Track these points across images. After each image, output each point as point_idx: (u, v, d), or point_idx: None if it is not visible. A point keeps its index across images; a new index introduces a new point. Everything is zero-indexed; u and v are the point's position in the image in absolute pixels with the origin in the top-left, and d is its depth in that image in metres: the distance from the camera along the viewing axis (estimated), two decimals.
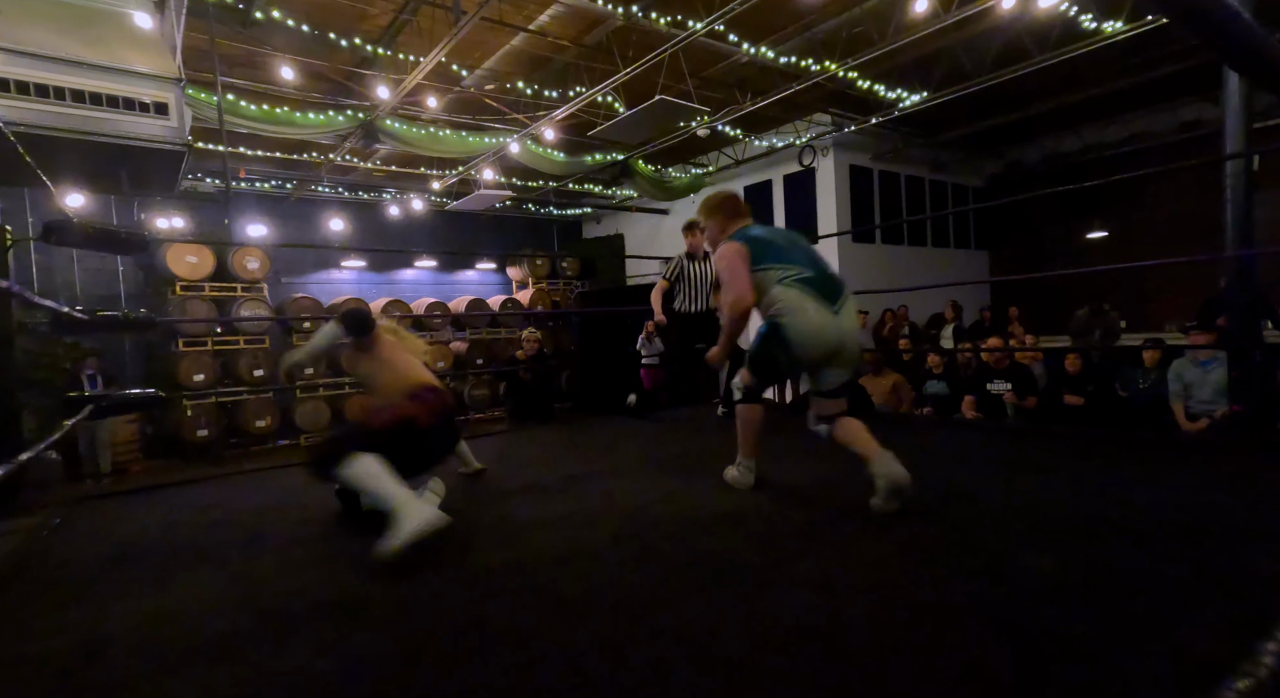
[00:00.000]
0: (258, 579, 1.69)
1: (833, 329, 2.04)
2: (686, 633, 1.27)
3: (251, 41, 5.57)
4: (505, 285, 12.48)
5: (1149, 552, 1.57)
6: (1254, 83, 2.77)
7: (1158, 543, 1.64)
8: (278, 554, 1.89)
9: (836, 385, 2.14)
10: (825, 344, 2.05)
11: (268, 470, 3.32)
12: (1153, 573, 1.45)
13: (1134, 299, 9.11)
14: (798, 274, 2.07)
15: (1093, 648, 1.13)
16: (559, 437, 3.96)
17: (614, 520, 2.05)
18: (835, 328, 2.04)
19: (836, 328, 2.04)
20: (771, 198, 9.65)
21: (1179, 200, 8.66)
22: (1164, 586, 1.38)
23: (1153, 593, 1.35)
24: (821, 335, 2.04)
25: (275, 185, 9.30)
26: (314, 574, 1.72)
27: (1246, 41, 0.73)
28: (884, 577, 1.51)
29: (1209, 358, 4.35)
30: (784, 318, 2.07)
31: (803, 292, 2.05)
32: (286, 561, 1.83)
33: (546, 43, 6.26)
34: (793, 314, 2.05)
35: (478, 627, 1.34)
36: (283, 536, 2.08)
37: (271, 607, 1.50)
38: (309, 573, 1.73)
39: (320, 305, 9.22)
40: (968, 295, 10.41)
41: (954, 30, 5.83)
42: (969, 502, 2.09)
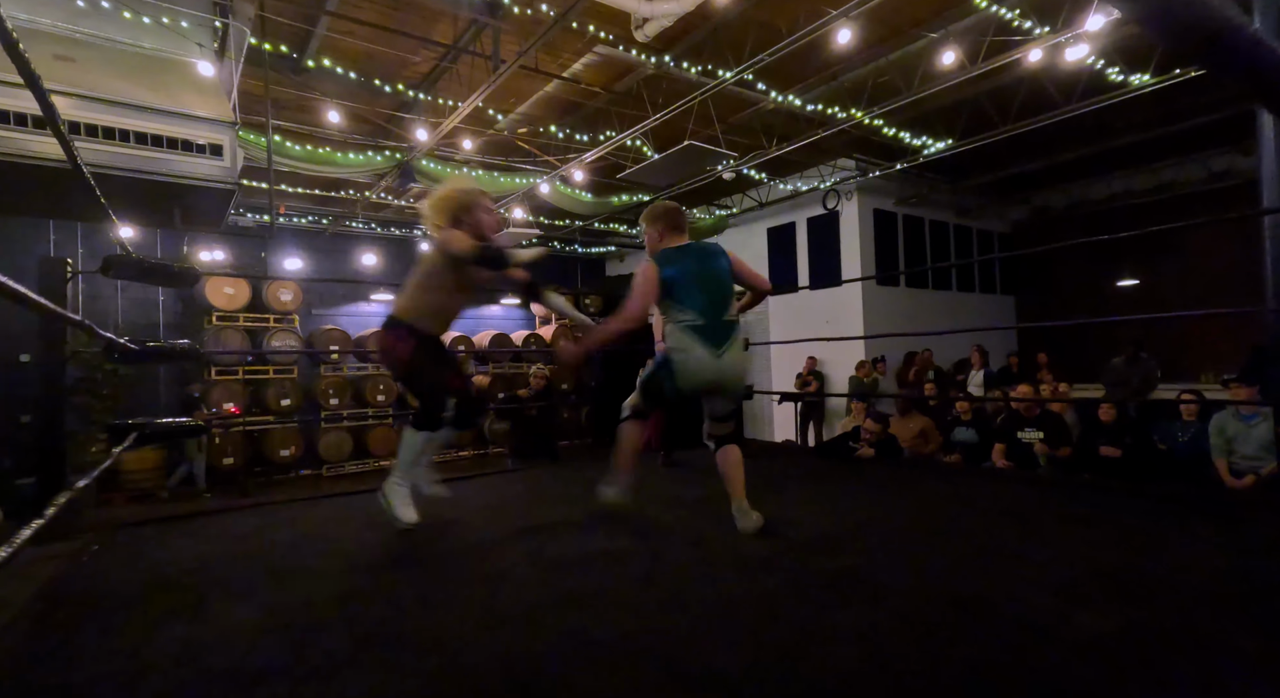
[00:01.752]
0: (296, 612, 1.69)
1: (712, 368, 2.40)
2: (719, 682, 1.24)
3: (301, 87, 5.88)
4: (529, 321, 12.64)
5: (1195, 614, 1.51)
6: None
7: (1211, 605, 1.57)
8: (315, 586, 1.89)
9: (723, 413, 2.53)
10: (705, 380, 2.43)
11: (298, 502, 3.35)
12: (1208, 636, 1.39)
13: (1166, 348, 8.91)
14: (691, 321, 2.40)
15: None
16: (579, 475, 3.95)
17: (643, 562, 2.02)
18: (715, 367, 2.40)
19: (716, 367, 2.40)
20: (795, 240, 9.74)
21: (1210, 250, 8.56)
22: (1216, 650, 1.32)
23: (1200, 656, 1.29)
24: (701, 373, 2.41)
25: (312, 221, 9.64)
26: (351, 607, 1.71)
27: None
28: (924, 631, 1.46)
29: (1252, 412, 4.22)
30: (674, 354, 2.43)
31: (692, 337, 2.39)
32: (324, 593, 1.83)
33: (579, 89, 6.50)
34: (682, 353, 2.40)
35: (517, 672, 1.33)
36: (319, 567, 2.08)
37: (306, 640, 1.50)
38: (346, 606, 1.73)
39: (349, 337, 9.42)
40: (994, 341, 10.29)
41: (980, 81, 5.94)
42: (1011, 558, 2.03)
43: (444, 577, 1.96)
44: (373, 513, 2.98)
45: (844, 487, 3.29)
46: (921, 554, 2.05)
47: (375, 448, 9.07)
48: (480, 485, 3.73)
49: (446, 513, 2.94)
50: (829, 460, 4.25)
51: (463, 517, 2.85)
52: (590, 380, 11.66)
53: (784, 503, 2.83)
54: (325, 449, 8.63)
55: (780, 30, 4.97)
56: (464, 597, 1.77)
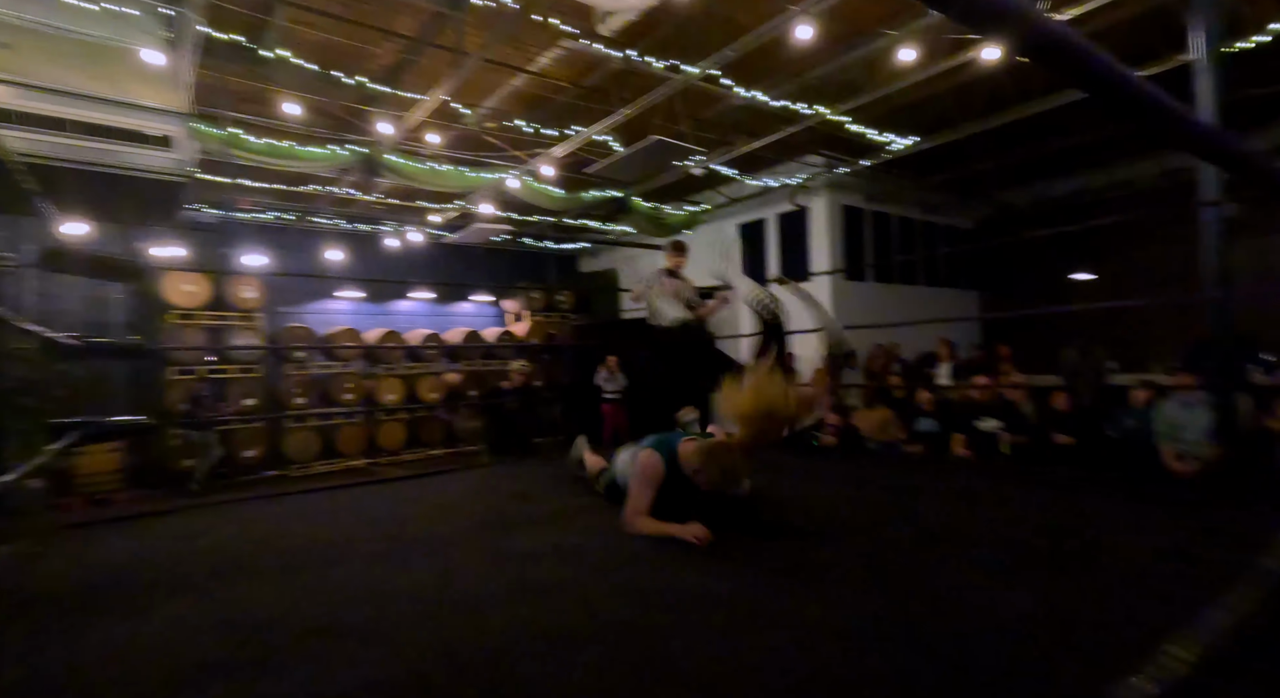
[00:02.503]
0: (239, 607, 1.66)
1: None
2: (662, 667, 1.26)
3: (260, 78, 5.74)
4: (501, 318, 12.54)
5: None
6: (1111, 114, 2.87)
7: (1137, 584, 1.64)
8: (261, 583, 1.87)
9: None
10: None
11: (251, 500, 3.29)
12: (1128, 612, 1.45)
13: (1121, 340, 9.20)
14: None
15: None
16: (549, 471, 3.94)
17: (598, 554, 2.03)
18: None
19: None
20: (765, 236, 9.82)
21: (1162, 245, 8.84)
22: (1131, 626, 1.38)
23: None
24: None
25: (275, 216, 9.42)
26: (297, 602, 1.70)
27: (1103, 75, 0.68)
28: (861, 615, 1.50)
29: (1195, 400, 4.39)
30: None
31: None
32: (270, 589, 1.81)
33: (546, 83, 6.46)
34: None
35: (459, 657, 1.33)
36: (267, 564, 2.05)
37: (252, 635, 1.48)
38: (292, 601, 1.71)
39: (314, 334, 9.24)
40: (959, 334, 10.50)
41: (942, 79, 6.05)
42: (953, 540, 2.09)
43: (395, 570, 1.95)
44: (331, 508, 2.95)
45: (801, 476, 3.35)
46: (872, 539, 2.10)
47: (344, 447, 8.92)
48: (448, 481, 3.71)
49: (407, 509, 2.92)
50: (790, 452, 4.32)
51: (423, 512, 2.83)
52: (563, 378, 11.63)
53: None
54: (292, 449, 8.46)
55: (744, 26, 5.00)
56: (413, 589, 1.76)
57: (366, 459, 9.21)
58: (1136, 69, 5.46)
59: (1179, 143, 0.61)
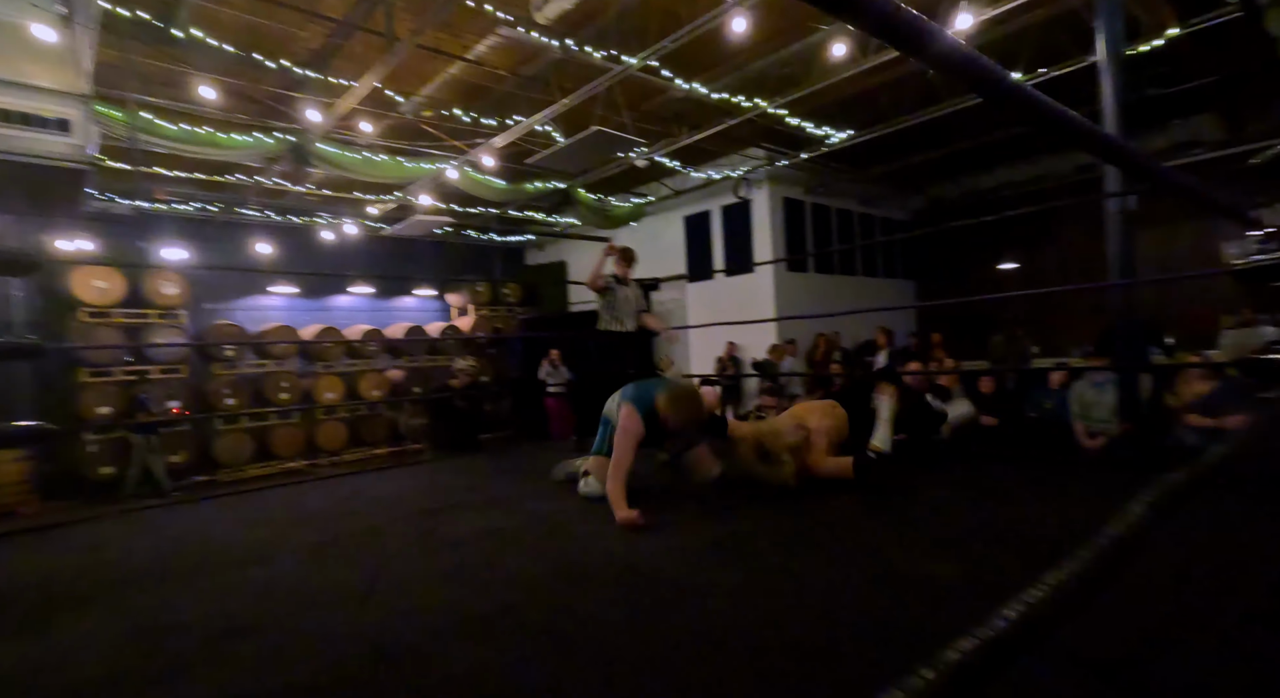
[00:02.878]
0: (150, 615, 1.58)
1: None
2: (591, 640, 1.27)
3: (171, 59, 5.39)
4: (444, 312, 12.26)
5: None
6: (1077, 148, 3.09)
7: (1038, 552, 1.75)
8: (176, 588, 1.78)
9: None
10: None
11: (174, 506, 3.12)
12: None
13: (1043, 326, 9.77)
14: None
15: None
16: (492, 465, 3.90)
17: (538, 537, 2.03)
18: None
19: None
20: (710, 228, 9.93)
21: (1078, 236, 9.42)
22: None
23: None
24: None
25: (197, 208, 8.90)
26: (216, 605, 1.62)
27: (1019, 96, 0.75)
28: (785, 584, 1.55)
29: (1103, 380, 4.70)
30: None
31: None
32: (186, 594, 1.73)
33: (485, 72, 6.32)
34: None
35: (386, 650, 1.30)
36: (185, 569, 1.95)
37: (163, 643, 1.41)
38: (210, 604, 1.63)
39: (245, 332, 8.81)
40: (896, 323, 10.92)
41: (874, 74, 6.23)
42: (879, 518, 2.18)
43: (325, 566, 1.89)
44: (261, 509, 2.83)
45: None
46: (798, 517, 2.17)
47: (279, 449, 8.56)
48: (389, 478, 3.61)
49: (343, 506, 2.83)
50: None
51: (360, 508, 2.75)
52: (512, 373, 11.48)
53: (680, 480, 2.91)
54: (222, 453, 8.06)
55: (682, 18, 5.02)
56: (342, 584, 1.71)
57: (305, 461, 8.88)
58: (1049, 68, 5.74)
59: (1073, 143, 0.65)
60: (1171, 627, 1.25)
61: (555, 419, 8.57)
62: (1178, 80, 6.60)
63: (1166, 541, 1.69)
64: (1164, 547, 1.64)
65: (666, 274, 10.18)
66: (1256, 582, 1.47)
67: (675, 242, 10.43)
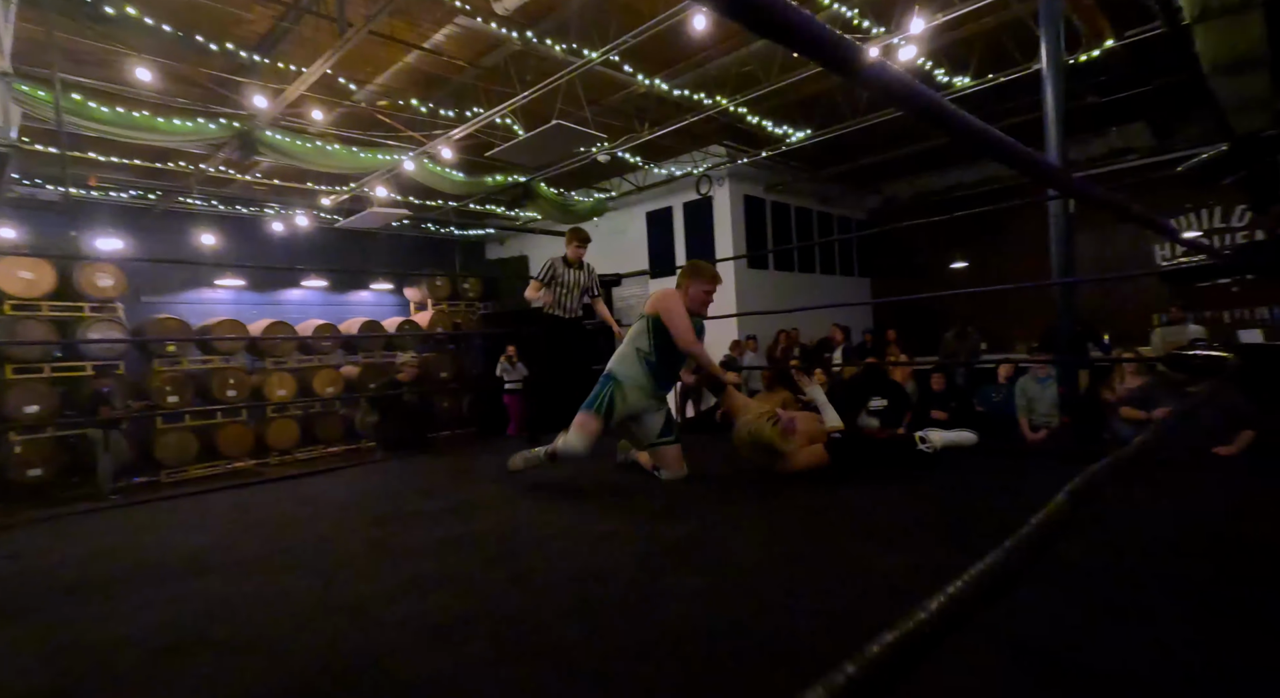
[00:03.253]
0: (82, 630, 1.50)
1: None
2: (549, 651, 1.26)
3: (104, 38, 5.10)
4: (402, 307, 11.99)
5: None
6: (997, 160, 3.22)
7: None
8: (112, 600, 1.69)
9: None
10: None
11: (110, 510, 2.97)
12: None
13: (992, 324, 10.15)
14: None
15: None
16: (448, 464, 3.84)
17: (495, 544, 2.01)
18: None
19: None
20: (672, 224, 9.97)
21: (1023, 237, 9.81)
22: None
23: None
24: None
25: (135, 195, 8.47)
26: (156, 618, 1.55)
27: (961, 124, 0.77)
28: (745, 584, 1.58)
29: (1046, 375, 4.92)
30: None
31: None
32: (123, 606, 1.64)
33: (442, 62, 6.19)
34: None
35: (340, 662, 1.27)
36: (121, 579, 1.86)
37: (97, 660, 1.34)
38: (150, 617, 1.56)
39: (189, 328, 8.43)
40: (853, 320, 11.18)
41: (830, 75, 6.35)
42: (833, 512, 2.24)
43: (275, 575, 1.83)
44: (205, 513, 2.73)
45: (699, 458, 3.45)
46: (757, 515, 2.21)
47: (226, 448, 8.24)
48: (342, 479, 3.51)
49: (293, 509, 2.74)
50: (695, 434, 4.43)
51: (311, 512, 2.68)
52: (472, 369, 11.31)
53: (644, 479, 2.92)
54: (164, 452, 7.71)
55: (643, 14, 5.01)
56: (293, 593, 1.66)
57: (254, 460, 8.57)
58: (996, 74, 5.93)
59: (992, 155, 0.68)
60: (1103, 610, 1.32)
61: (514, 415, 8.50)
62: (1114, 89, 6.93)
63: (1097, 527, 1.79)
64: (1095, 533, 1.74)
65: (629, 270, 10.18)
66: (1185, 563, 1.57)
67: (638, 237, 10.44)
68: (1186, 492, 2.24)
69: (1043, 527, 0.44)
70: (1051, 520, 0.46)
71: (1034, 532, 0.43)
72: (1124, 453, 0.65)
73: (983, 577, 0.36)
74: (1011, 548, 0.41)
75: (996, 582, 0.37)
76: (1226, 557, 1.60)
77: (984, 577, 0.37)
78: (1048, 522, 0.45)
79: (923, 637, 0.31)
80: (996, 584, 0.36)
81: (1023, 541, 0.42)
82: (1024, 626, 1.24)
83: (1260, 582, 1.44)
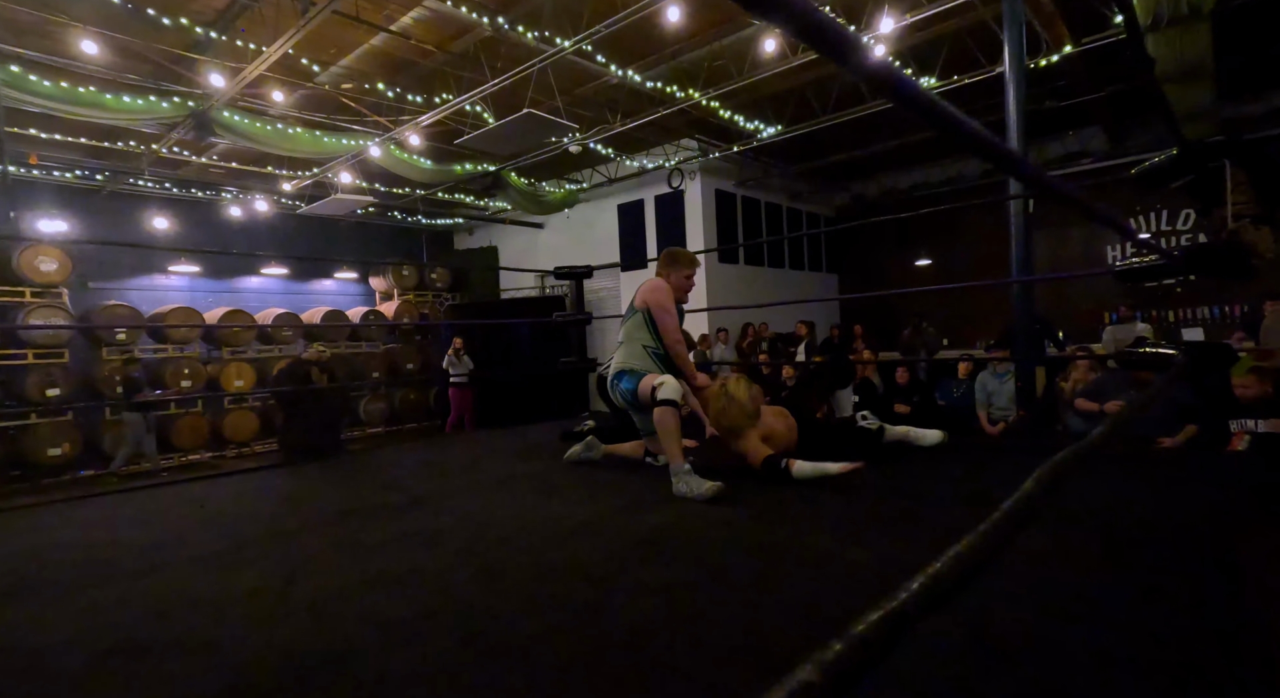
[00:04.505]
0: (21, 633, 1.43)
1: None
2: (513, 646, 1.25)
3: (45, 7, 4.83)
4: (367, 297, 11.73)
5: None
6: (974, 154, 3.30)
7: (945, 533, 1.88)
8: (54, 601, 1.61)
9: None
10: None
11: (53, 505, 2.83)
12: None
13: (953, 320, 10.43)
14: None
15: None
16: (422, 456, 3.77)
17: (462, 539, 1.97)
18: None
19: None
20: (644, 217, 9.95)
21: (986, 235, 10.09)
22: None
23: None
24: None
25: (81, 175, 8.07)
26: (101, 619, 1.48)
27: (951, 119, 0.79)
28: (712, 577, 1.58)
29: (1004, 371, 5.08)
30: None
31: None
32: (65, 607, 1.57)
33: (410, 46, 6.04)
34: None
35: (298, 661, 1.23)
36: (64, 579, 1.78)
37: (36, 663, 1.27)
38: (95, 618, 1.49)
39: (140, 315, 8.09)
40: (821, 315, 11.36)
41: (801, 71, 6.41)
42: (799, 506, 2.27)
43: (230, 572, 1.77)
44: (156, 508, 2.63)
45: None
46: (724, 508, 2.22)
47: (181, 440, 7.96)
48: (304, 473, 3.41)
49: (250, 505, 2.66)
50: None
51: (269, 507, 2.60)
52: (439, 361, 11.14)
53: (610, 468, 2.92)
54: (114, 445, 7.40)
55: (616, 3, 4.97)
56: (249, 590, 1.61)
57: (210, 453, 8.31)
58: (960, 76, 6.07)
59: (974, 151, 0.68)
60: (1065, 600, 1.36)
61: (455, 410, 8.41)
62: (1071, 94, 7.16)
63: (1057, 517, 1.85)
64: (1055, 524, 1.80)
65: (600, 262, 10.14)
66: (1144, 553, 1.63)
67: (609, 230, 10.40)
68: (1133, 481, 2.34)
69: (1012, 514, 0.45)
70: (1020, 508, 0.46)
71: (1004, 518, 0.44)
72: (1086, 443, 0.67)
73: (957, 562, 0.37)
74: (984, 533, 0.41)
75: (970, 567, 0.37)
76: (1167, 544, 1.68)
77: (958, 562, 0.37)
78: (1017, 509, 0.46)
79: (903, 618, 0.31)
80: (969, 569, 0.37)
81: (994, 527, 0.43)
82: (986, 615, 1.27)
83: (1197, 568, 1.51)
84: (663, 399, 2.46)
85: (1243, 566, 1.51)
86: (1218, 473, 2.54)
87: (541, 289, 11.50)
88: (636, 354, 2.75)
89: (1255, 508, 2.01)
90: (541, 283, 11.55)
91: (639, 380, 2.58)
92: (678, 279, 2.81)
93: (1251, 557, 1.57)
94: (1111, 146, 8.64)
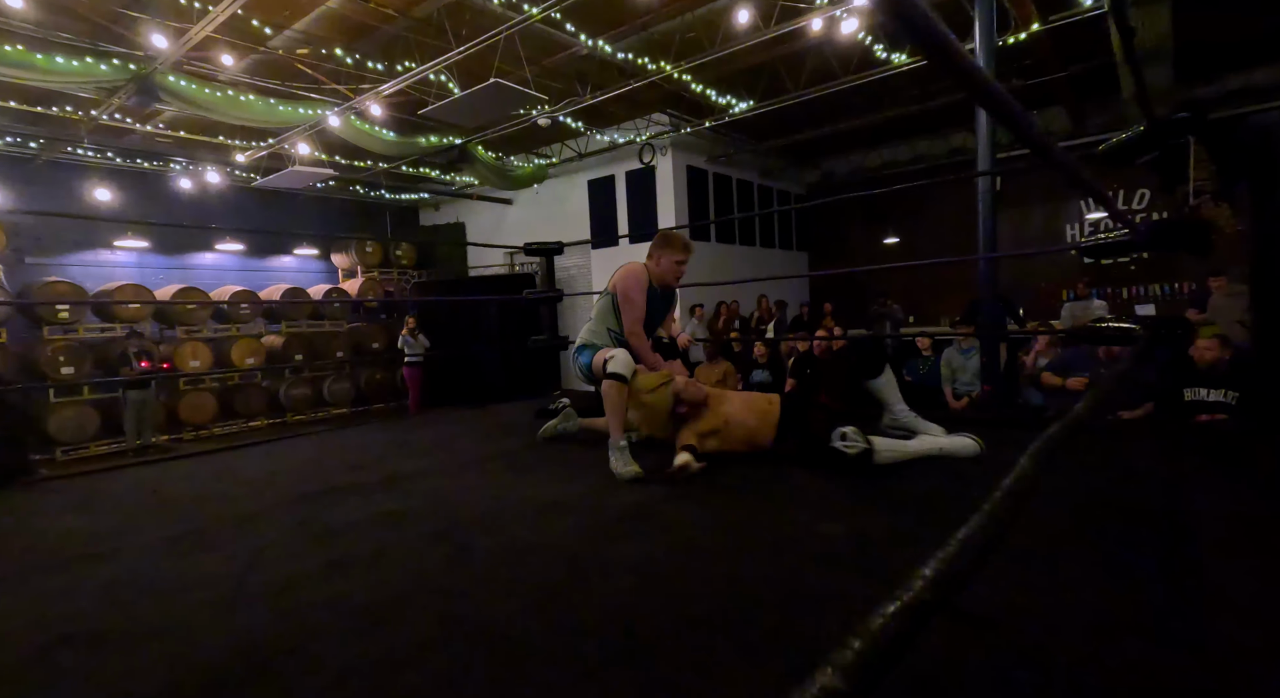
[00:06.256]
0: None
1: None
2: (488, 628, 1.22)
3: None
4: (330, 274, 11.38)
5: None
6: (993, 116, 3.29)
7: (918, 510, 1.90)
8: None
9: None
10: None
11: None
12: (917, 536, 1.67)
13: (920, 298, 10.62)
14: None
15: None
16: (391, 436, 3.68)
17: (435, 520, 1.93)
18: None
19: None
20: (615, 193, 9.82)
21: (951, 214, 10.25)
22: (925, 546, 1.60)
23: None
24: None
25: (13, 143, 7.56)
26: (44, 610, 1.40)
27: (983, 84, 0.77)
28: (690, 555, 1.58)
29: (969, 347, 5.19)
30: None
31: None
32: (6, 599, 1.48)
33: (370, 9, 5.76)
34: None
35: (259, 650, 1.18)
36: (3, 570, 1.68)
37: None
38: (37, 610, 1.41)
39: (84, 292, 7.70)
40: (791, 293, 11.44)
41: (774, 45, 6.33)
42: (770, 485, 2.27)
43: (187, 558, 1.69)
44: (105, 494, 2.51)
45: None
46: (702, 486, 2.22)
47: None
48: (265, 454, 3.30)
49: (210, 488, 2.56)
50: None
51: (234, 490, 2.50)
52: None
53: (584, 446, 2.89)
54: (58, 429, 7.08)
55: None
56: (207, 576, 1.54)
57: (165, 436, 8.01)
58: None
59: (988, 106, 0.65)
60: (1050, 582, 1.38)
61: (413, 389, 8.30)
62: (1036, 73, 7.24)
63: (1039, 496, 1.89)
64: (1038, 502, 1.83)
65: (570, 239, 9.99)
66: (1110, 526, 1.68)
67: (579, 206, 10.23)
68: (1096, 454, 2.40)
69: (1014, 492, 0.43)
70: (1021, 485, 0.44)
71: (1006, 497, 0.42)
72: (1072, 417, 0.65)
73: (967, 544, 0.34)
74: (989, 513, 0.39)
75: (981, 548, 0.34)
76: (1135, 514, 1.73)
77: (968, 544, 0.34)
78: (1018, 486, 0.44)
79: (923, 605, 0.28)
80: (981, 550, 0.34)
81: (998, 505, 0.40)
82: (967, 596, 1.28)
83: (1166, 537, 1.56)
84: (611, 373, 2.44)
85: (1205, 533, 1.56)
86: (1177, 444, 2.64)
87: (511, 266, 11.30)
88: (599, 334, 2.77)
89: (1218, 479, 2.08)
90: (510, 260, 11.35)
91: (594, 354, 2.63)
92: (667, 263, 2.75)
93: (1212, 524, 1.62)
94: (1073, 126, 8.80)
